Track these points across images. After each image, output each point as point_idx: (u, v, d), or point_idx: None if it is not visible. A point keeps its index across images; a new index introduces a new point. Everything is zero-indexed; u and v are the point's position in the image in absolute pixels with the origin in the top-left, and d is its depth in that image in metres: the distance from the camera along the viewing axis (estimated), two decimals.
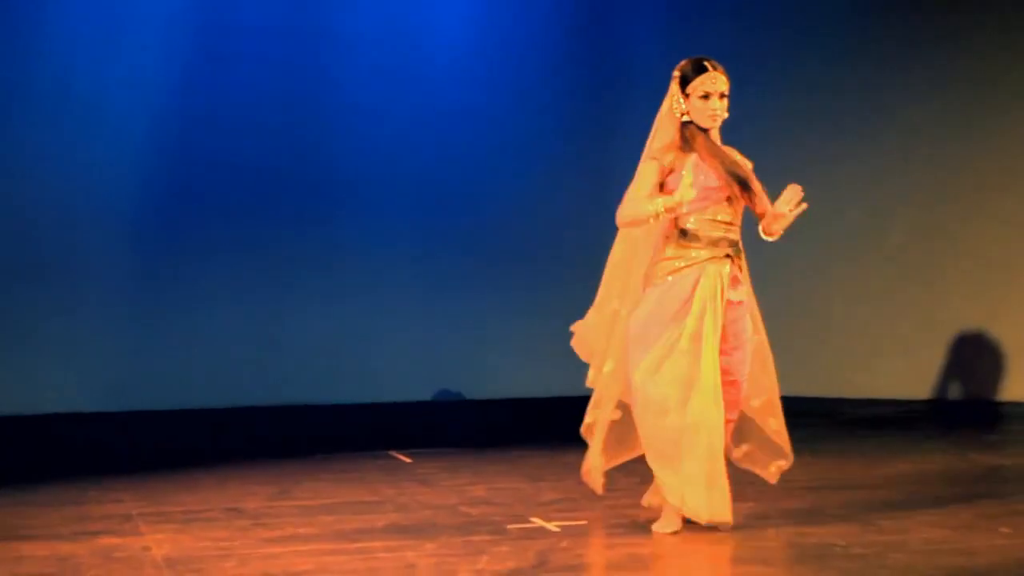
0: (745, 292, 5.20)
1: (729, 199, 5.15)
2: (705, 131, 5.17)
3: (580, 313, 5.59)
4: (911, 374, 9.33)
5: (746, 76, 9.96)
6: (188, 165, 9.31)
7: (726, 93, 5.18)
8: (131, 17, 9.25)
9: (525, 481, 6.50)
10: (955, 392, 9.16)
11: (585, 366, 5.42)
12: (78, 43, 9.11)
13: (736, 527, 5.06)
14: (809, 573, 4.26)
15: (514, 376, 9.77)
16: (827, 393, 9.51)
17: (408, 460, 7.34)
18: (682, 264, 5.08)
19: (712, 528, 5.00)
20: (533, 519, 5.37)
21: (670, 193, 5.04)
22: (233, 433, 8.73)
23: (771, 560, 4.50)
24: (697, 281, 5.06)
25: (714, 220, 5.13)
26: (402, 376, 9.62)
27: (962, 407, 9.04)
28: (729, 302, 5.10)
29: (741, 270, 5.19)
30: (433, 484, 6.45)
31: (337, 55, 9.67)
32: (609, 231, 5.43)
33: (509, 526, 5.24)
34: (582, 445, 5.80)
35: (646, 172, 5.15)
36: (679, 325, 5.01)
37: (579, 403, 5.50)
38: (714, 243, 5.11)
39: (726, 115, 5.20)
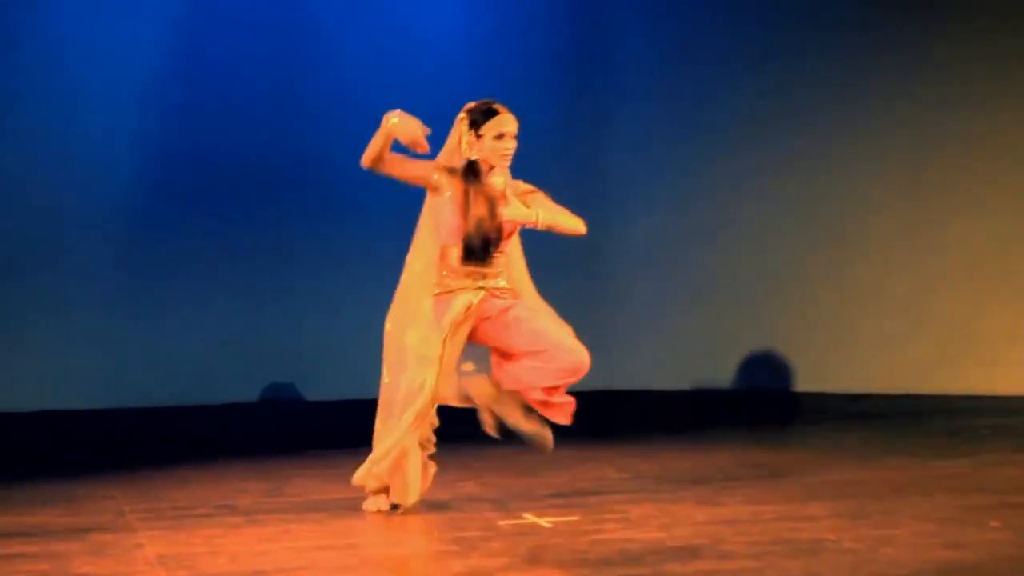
0: (512, 301, 5.53)
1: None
2: (482, 171, 5.62)
3: (576, 306, 5.63)
4: (898, 368, 9.34)
5: (728, 72, 10.02)
6: (176, 161, 9.31)
7: (516, 134, 5.70)
8: (119, 11, 9.24)
9: (517, 476, 6.50)
10: (942, 386, 9.17)
11: None
12: (65, 39, 9.10)
13: (726, 521, 5.08)
14: (799, 568, 4.27)
15: None
16: (815, 388, 9.53)
17: None
18: (439, 291, 5.61)
19: (694, 523, 5.02)
20: (525, 515, 5.38)
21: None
22: (225, 430, 8.73)
23: (761, 554, 4.51)
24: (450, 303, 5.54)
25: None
26: None
27: (949, 401, 9.05)
28: (501, 311, 5.47)
29: (499, 295, 5.53)
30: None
31: (327, 50, 9.68)
32: (602, 227, 5.47)
33: (501, 522, 5.25)
34: (576, 440, 5.84)
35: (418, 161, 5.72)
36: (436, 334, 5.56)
37: (576, 398, 5.53)
38: (466, 275, 5.55)
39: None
